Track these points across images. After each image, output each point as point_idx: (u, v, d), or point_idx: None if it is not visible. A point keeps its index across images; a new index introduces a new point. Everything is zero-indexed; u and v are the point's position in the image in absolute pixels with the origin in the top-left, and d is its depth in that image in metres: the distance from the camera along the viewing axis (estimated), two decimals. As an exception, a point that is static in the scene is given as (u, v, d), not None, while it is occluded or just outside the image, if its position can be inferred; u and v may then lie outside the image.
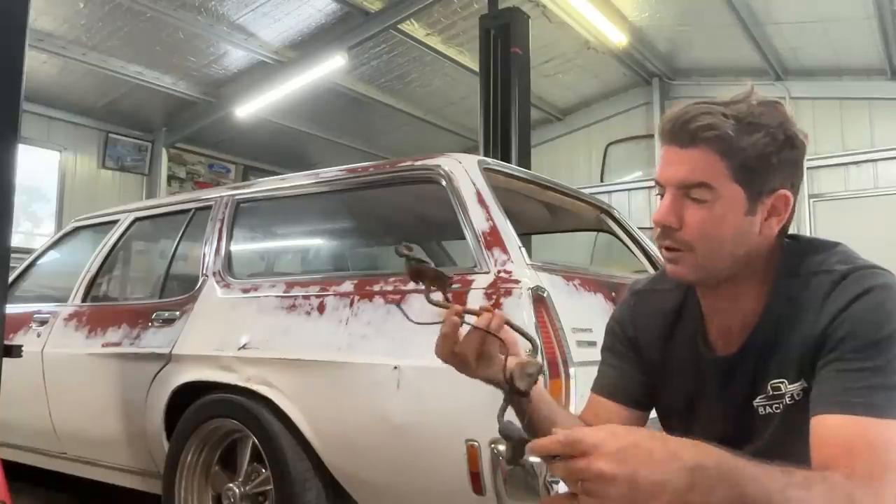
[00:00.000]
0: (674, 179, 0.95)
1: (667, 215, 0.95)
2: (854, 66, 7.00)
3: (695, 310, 1.08)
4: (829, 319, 0.91)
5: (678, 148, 0.94)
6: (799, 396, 0.96)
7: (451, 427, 1.75)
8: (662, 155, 0.97)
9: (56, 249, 3.44)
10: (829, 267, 0.96)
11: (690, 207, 0.94)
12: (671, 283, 1.09)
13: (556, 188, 2.71)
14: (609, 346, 1.19)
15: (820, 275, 0.96)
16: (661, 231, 0.97)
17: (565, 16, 6.66)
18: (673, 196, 0.95)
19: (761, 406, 1.00)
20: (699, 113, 0.92)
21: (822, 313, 0.93)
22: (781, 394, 0.98)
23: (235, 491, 2.17)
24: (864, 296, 0.91)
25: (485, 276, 1.84)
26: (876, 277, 0.93)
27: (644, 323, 1.14)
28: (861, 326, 0.89)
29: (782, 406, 0.98)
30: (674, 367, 1.10)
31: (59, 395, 2.76)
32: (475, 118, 5.61)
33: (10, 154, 1.64)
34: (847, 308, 0.91)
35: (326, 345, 1.99)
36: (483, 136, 5.35)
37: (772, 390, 0.99)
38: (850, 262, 0.95)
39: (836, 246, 1.00)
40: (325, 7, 6.49)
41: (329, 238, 3.64)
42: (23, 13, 1.70)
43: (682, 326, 1.10)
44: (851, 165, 7.04)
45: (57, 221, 8.07)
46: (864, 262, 0.96)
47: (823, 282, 0.94)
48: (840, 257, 0.97)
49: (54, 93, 7.61)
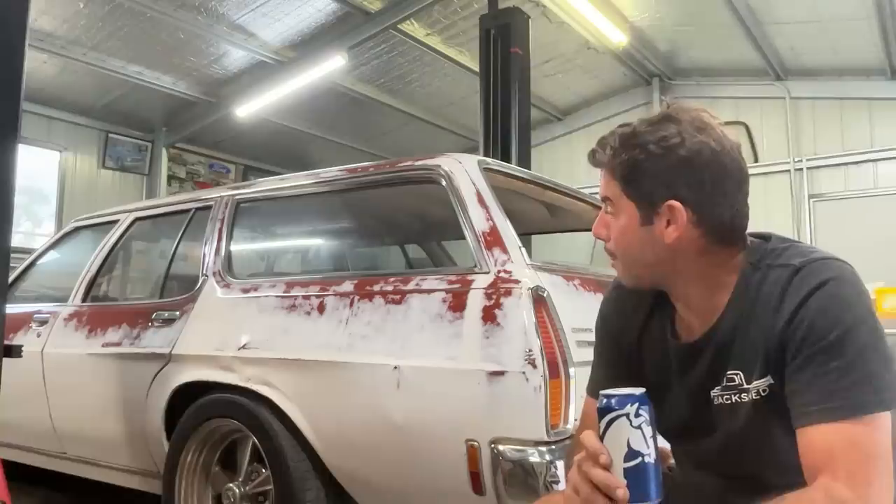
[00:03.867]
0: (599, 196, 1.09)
1: (596, 227, 1.08)
2: (854, 66, 6.99)
3: (668, 304, 1.11)
4: (787, 316, 0.94)
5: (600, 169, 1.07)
6: (765, 392, 0.98)
7: (451, 427, 1.75)
8: None
9: (56, 249, 3.44)
10: (786, 261, 0.98)
11: (610, 221, 1.06)
12: None
13: (556, 188, 2.71)
14: (597, 346, 1.23)
15: (777, 268, 0.98)
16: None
17: (565, 16, 6.65)
18: (602, 211, 1.07)
19: (717, 396, 1.03)
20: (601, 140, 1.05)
21: (780, 309, 0.95)
22: (737, 385, 1.00)
23: (235, 491, 2.17)
24: (818, 289, 0.92)
25: (485, 276, 1.84)
26: (830, 269, 0.94)
27: (625, 315, 1.18)
28: (820, 322, 0.91)
29: (748, 399, 1.00)
30: (647, 356, 1.14)
31: (59, 395, 2.76)
32: (475, 118, 5.60)
33: (10, 154, 1.64)
34: (804, 304, 0.92)
35: (326, 345, 1.99)
36: (483, 136, 5.35)
37: (726, 381, 1.01)
38: (805, 255, 0.97)
39: (792, 241, 1.03)
40: (325, 7, 6.48)
41: (329, 238, 3.64)
42: (23, 13, 1.70)
43: (655, 320, 1.14)
44: (851, 165, 7.03)
45: (57, 221, 8.06)
46: (818, 255, 0.97)
47: (781, 276, 0.97)
48: (796, 251, 0.99)
49: (54, 93, 7.61)
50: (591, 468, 0.85)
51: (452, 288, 1.86)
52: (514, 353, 1.68)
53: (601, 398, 0.88)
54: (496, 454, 1.67)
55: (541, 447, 1.64)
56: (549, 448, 1.65)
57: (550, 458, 1.64)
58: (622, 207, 1.03)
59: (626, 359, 1.16)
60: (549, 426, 1.65)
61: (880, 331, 0.91)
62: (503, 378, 1.68)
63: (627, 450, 0.85)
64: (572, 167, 9.01)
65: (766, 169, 7.38)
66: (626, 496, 0.83)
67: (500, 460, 1.67)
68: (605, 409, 0.87)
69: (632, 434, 0.85)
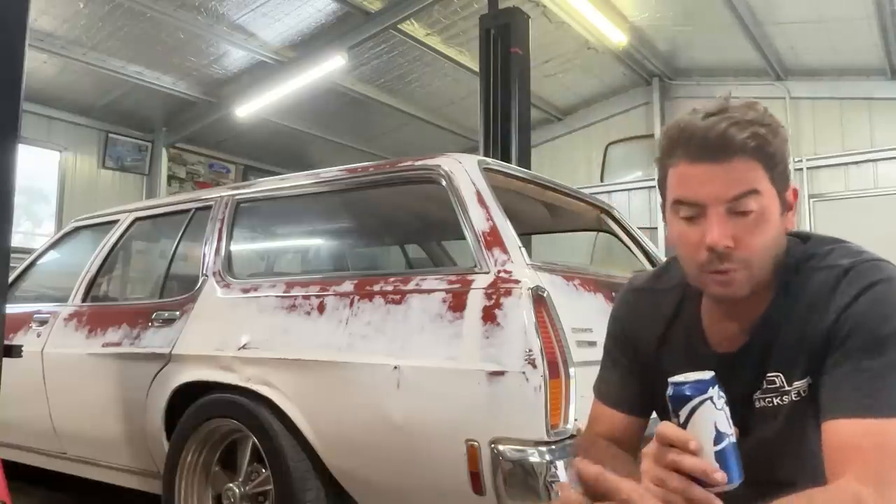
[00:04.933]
0: (724, 196, 0.90)
1: (726, 237, 0.89)
2: (854, 66, 6.99)
3: (692, 309, 1.07)
4: (834, 316, 0.91)
5: (713, 164, 0.90)
6: (805, 393, 0.96)
7: (451, 427, 1.75)
8: (691, 174, 0.92)
9: (56, 249, 3.44)
10: (832, 262, 0.95)
11: (740, 223, 0.90)
12: (670, 282, 1.10)
13: (556, 188, 2.71)
14: (609, 350, 1.19)
15: (823, 270, 0.95)
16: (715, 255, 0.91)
17: (565, 16, 6.66)
18: (720, 215, 0.90)
19: (759, 399, 1.00)
20: (728, 125, 0.89)
21: (827, 310, 0.92)
22: (777, 387, 0.98)
23: (235, 491, 2.17)
24: (868, 290, 0.90)
25: (485, 276, 1.84)
26: (880, 271, 0.92)
27: (642, 322, 1.13)
28: (866, 322, 0.88)
29: (788, 401, 0.98)
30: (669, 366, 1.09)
31: (59, 395, 2.76)
32: (475, 118, 5.60)
33: (10, 154, 1.64)
34: (852, 304, 0.90)
35: (326, 345, 1.99)
36: (483, 136, 5.35)
37: (766, 384, 0.99)
38: (854, 256, 0.95)
39: (839, 241, 1.00)
40: (325, 7, 6.49)
41: (329, 238, 3.64)
42: (23, 13, 1.70)
43: (678, 326, 1.09)
44: (851, 165, 7.04)
45: (57, 221, 8.07)
46: (867, 256, 0.95)
47: (827, 277, 0.94)
48: (842, 252, 0.97)
49: (54, 93, 7.61)
50: (681, 457, 0.81)
51: (452, 288, 1.86)
52: (514, 353, 1.68)
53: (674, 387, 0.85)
54: (496, 454, 1.67)
55: (541, 447, 1.64)
56: (549, 448, 1.65)
57: (550, 458, 1.63)
58: (769, 200, 0.91)
59: (642, 362, 1.12)
60: (549, 426, 1.65)
61: None
62: (503, 378, 1.67)
63: (715, 433, 0.83)
64: (572, 167, 9.03)
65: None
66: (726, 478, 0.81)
67: (500, 460, 1.66)
68: (685, 398, 0.84)
69: (717, 417, 0.83)
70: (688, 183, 0.92)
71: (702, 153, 0.90)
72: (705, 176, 0.90)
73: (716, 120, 0.90)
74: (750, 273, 0.92)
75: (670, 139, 0.95)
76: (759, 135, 0.89)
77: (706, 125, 0.90)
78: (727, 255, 0.90)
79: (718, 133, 0.89)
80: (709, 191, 0.90)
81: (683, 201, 0.93)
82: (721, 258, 0.91)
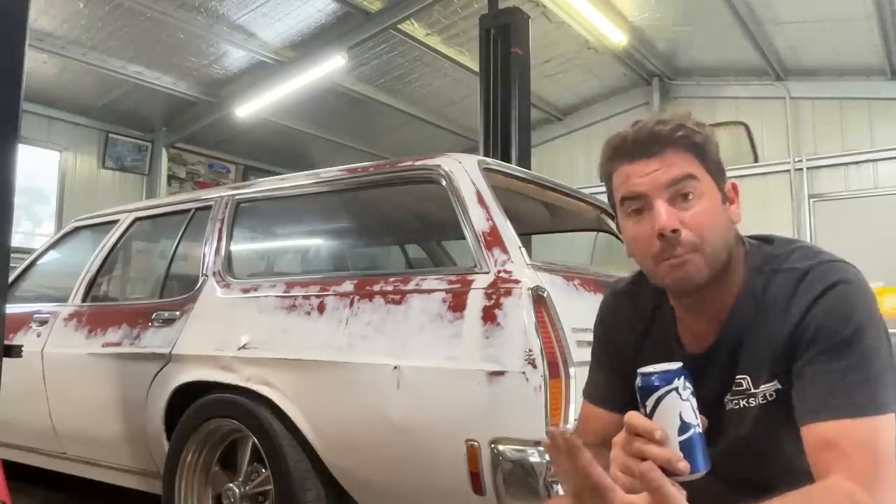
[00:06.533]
0: (661, 181, 0.96)
1: (672, 220, 0.94)
2: (854, 66, 6.99)
3: (668, 310, 1.10)
4: (796, 320, 0.93)
5: (648, 158, 0.97)
6: (772, 396, 0.98)
7: (451, 427, 1.75)
8: (631, 171, 0.98)
9: (56, 249, 3.44)
10: (791, 264, 0.98)
11: (683, 207, 0.96)
12: (649, 284, 1.11)
13: (556, 188, 2.71)
14: (595, 352, 1.22)
15: (783, 273, 0.98)
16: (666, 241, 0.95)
17: (565, 16, 6.65)
18: (664, 202, 0.96)
19: (729, 401, 1.02)
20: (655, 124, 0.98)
21: (788, 313, 0.95)
22: (744, 390, 1.00)
23: (235, 491, 2.17)
24: (827, 292, 0.92)
25: (485, 276, 1.84)
26: (837, 272, 0.94)
27: (622, 324, 1.16)
28: (829, 323, 0.91)
29: (755, 403, 1.00)
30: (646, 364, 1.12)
31: (59, 395, 2.76)
32: (475, 118, 5.60)
33: (10, 154, 1.64)
34: (812, 307, 0.93)
35: (326, 345, 1.99)
36: (483, 136, 5.35)
37: (734, 386, 1.01)
38: (811, 259, 0.97)
39: (797, 242, 1.03)
40: (325, 7, 6.48)
41: (329, 238, 3.64)
42: (23, 13, 1.70)
43: (655, 327, 1.12)
44: (851, 165, 7.03)
45: (57, 221, 8.06)
46: (825, 257, 0.97)
47: (787, 281, 0.97)
48: (801, 254, 0.99)
49: (54, 93, 7.61)
50: (646, 446, 0.84)
51: (452, 288, 1.86)
52: (514, 353, 1.68)
53: (642, 377, 0.87)
54: (496, 454, 1.67)
55: (541, 447, 1.64)
56: (549, 448, 1.65)
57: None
58: (707, 186, 0.98)
59: (624, 364, 1.14)
60: (549, 426, 1.65)
61: (886, 334, 0.91)
62: (503, 378, 1.68)
63: (680, 423, 0.85)
64: (572, 167, 9.02)
65: (765, 169, 7.38)
66: (688, 467, 0.83)
67: (500, 460, 1.67)
68: (652, 388, 0.86)
69: (683, 407, 0.85)
70: (629, 179, 0.99)
71: (637, 151, 0.98)
72: (643, 170, 0.97)
73: (645, 122, 1.00)
74: (702, 256, 0.96)
75: (610, 147, 1.02)
76: (685, 127, 0.97)
77: (637, 128, 0.99)
78: (677, 240, 0.95)
79: (647, 131, 0.98)
80: (648, 181, 0.97)
81: (627, 196, 0.99)
82: (672, 244, 0.95)
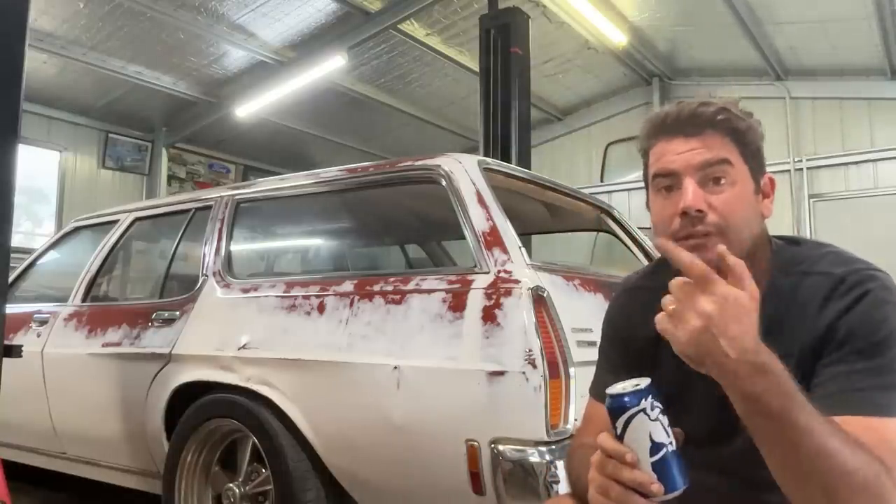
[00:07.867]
0: (695, 162, 0.96)
1: (699, 199, 0.94)
2: (854, 66, 6.99)
3: None
4: (829, 322, 0.93)
5: (686, 137, 0.97)
6: None
7: (451, 427, 1.75)
8: (667, 148, 0.99)
9: (56, 249, 3.44)
10: (825, 269, 0.97)
11: (713, 190, 0.96)
12: (664, 278, 1.10)
13: (556, 188, 2.71)
14: (603, 350, 1.20)
15: (815, 276, 0.97)
16: (687, 220, 0.94)
17: (565, 16, 6.66)
18: (694, 183, 0.96)
19: None
20: (698, 105, 0.98)
21: (820, 316, 0.94)
22: None
23: (235, 491, 2.17)
24: (862, 299, 0.92)
25: (485, 276, 1.84)
26: (874, 279, 0.94)
27: (636, 321, 1.13)
28: (861, 328, 0.91)
29: None
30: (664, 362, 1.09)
31: (59, 395, 2.76)
32: (475, 118, 5.60)
33: (10, 154, 1.64)
34: (848, 311, 0.92)
35: (326, 345, 1.99)
36: (483, 136, 5.35)
37: None
38: (847, 264, 0.97)
39: (828, 247, 1.02)
40: (325, 7, 6.49)
41: (329, 238, 3.64)
42: (23, 13, 1.70)
43: None
44: (851, 165, 7.03)
45: (57, 221, 8.07)
46: (860, 265, 0.97)
47: (821, 284, 0.96)
48: (834, 258, 0.99)
49: (54, 93, 7.61)
50: (618, 469, 0.84)
51: (452, 288, 1.86)
52: (514, 353, 1.68)
53: (610, 399, 0.86)
54: (496, 454, 1.67)
55: (541, 447, 1.64)
56: (549, 448, 1.65)
57: (550, 458, 1.64)
58: (741, 174, 0.97)
59: (637, 362, 1.11)
60: (549, 426, 1.65)
61: None
62: (503, 378, 1.67)
63: (651, 444, 0.83)
64: (572, 167, 9.03)
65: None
66: (662, 489, 0.82)
67: (500, 460, 1.66)
68: (619, 409, 0.85)
69: (652, 428, 0.84)
70: (664, 156, 0.99)
71: (676, 128, 0.98)
72: (678, 148, 0.98)
73: (688, 102, 1.00)
74: (725, 240, 0.92)
75: (650, 124, 1.03)
76: (727, 111, 0.98)
77: (680, 107, 1.00)
78: (699, 219, 0.94)
79: (690, 110, 0.98)
80: (681, 160, 0.97)
81: (659, 173, 1.00)
82: (693, 222, 0.94)
